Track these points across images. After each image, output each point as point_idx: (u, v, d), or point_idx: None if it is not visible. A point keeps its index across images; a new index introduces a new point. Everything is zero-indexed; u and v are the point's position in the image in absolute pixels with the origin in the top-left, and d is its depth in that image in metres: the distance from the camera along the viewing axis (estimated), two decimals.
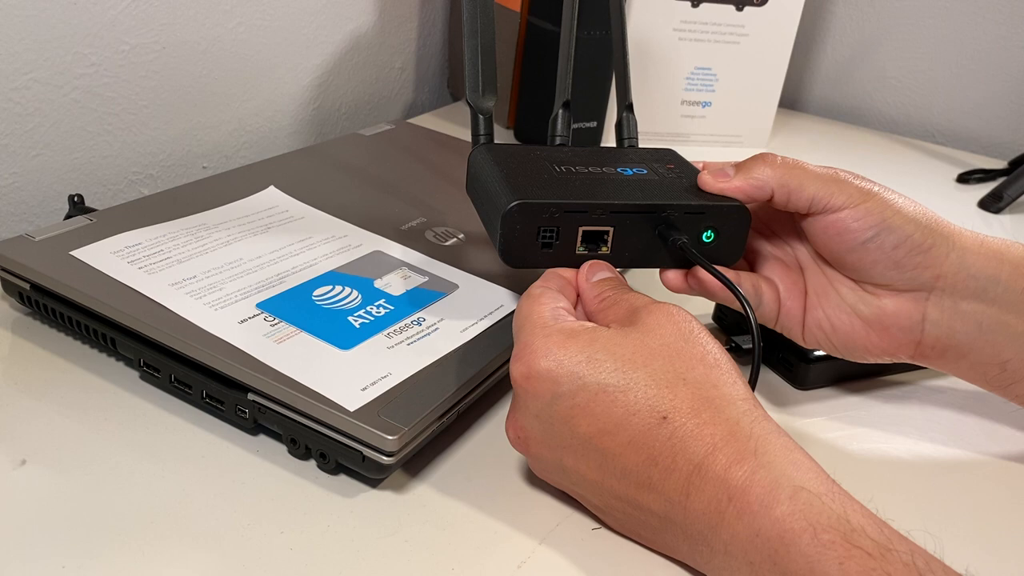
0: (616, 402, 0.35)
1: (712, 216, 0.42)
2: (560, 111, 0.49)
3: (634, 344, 0.36)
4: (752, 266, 0.47)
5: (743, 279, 0.44)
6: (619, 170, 0.45)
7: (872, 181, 0.42)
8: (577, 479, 0.38)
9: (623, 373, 0.35)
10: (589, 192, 0.42)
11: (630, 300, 0.39)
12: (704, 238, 0.42)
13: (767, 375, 0.51)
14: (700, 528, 0.34)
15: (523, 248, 0.41)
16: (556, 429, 0.37)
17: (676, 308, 0.38)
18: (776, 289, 0.45)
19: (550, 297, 0.39)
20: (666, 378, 0.35)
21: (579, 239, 0.41)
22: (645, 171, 0.45)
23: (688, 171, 0.46)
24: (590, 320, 0.40)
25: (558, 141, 0.49)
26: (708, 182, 0.43)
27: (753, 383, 0.38)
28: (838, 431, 0.47)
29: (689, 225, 0.42)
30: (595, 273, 0.41)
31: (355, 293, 0.47)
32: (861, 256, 0.42)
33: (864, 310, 0.43)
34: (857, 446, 0.46)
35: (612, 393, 0.35)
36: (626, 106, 0.51)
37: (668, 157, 0.48)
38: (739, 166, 0.43)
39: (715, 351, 0.37)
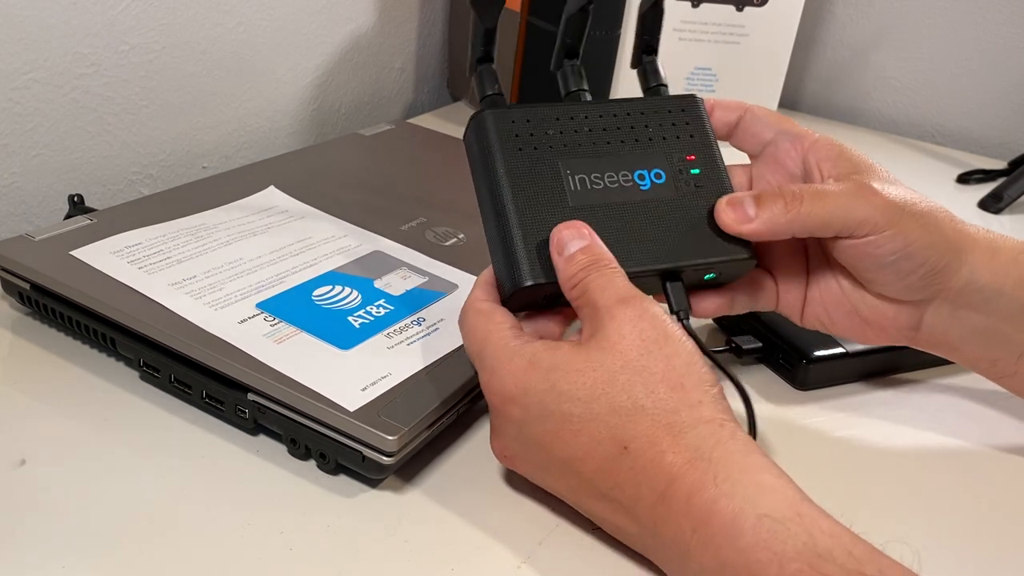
0: (582, 431, 0.35)
1: (720, 268, 0.42)
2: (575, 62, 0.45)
3: (594, 368, 0.35)
4: (756, 248, 0.46)
5: (739, 285, 0.44)
6: (637, 179, 0.42)
7: (898, 185, 0.41)
8: (564, 494, 0.38)
9: (585, 404, 0.35)
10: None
11: (596, 297, 0.37)
12: (706, 277, 0.42)
13: (767, 375, 0.51)
14: (671, 555, 0.34)
15: (523, 305, 0.40)
16: (534, 451, 0.37)
17: (640, 310, 0.36)
18: (774, 282, 0.45)
19: (501, 313, 0.39)
20: (625, 407, 0.34)
21: None
22: (664, 177, 0.42)
23: (710, 177, 0.43)
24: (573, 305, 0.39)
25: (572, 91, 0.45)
26: (728, 223, 0.40)
27: (753, 435, 0.37)
28: (838, 431, 0.47)
29: (696, 271, 0.41)
30: (568, 242, 0.38)
31: (355, 293, 0.47)
32: (875, 274, 0.41)
33: (864, 311, 0.43)
34: (857, 446, 0.46)
35: (576, 423, 0.35)
36: (652, 48, 0.46)
37: (690, 145, 0.43)
38: (760, 201, 0.40)
39: (679, 365, 0.35)
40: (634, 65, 0.46)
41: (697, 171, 0.43)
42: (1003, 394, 0.46)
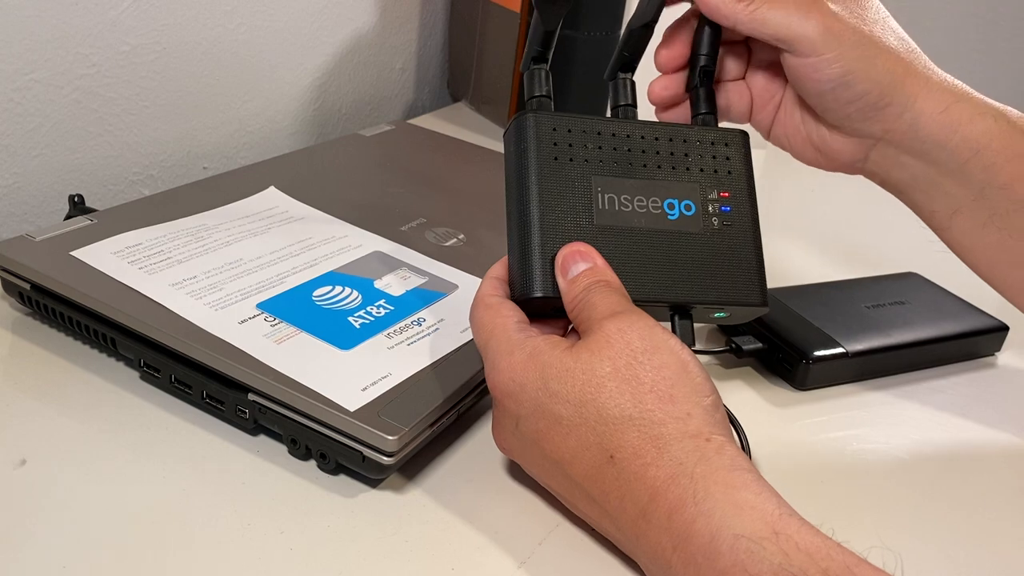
0: (570, 435, 0.35)
1: (732, 311, 0.42)
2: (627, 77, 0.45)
3: (584, 371, 0.35)
4: (746, 66, 0.47)
5: (718, 88, 0.46)
6: (666, 207, 0.41)
7: (864, 15, 0.42)
8: (557, 493, 0.38)
9: (574, 407, 0.35)
10: (616, 268, 0.39)
11: (590, 313, 0.37)
12: (715, 315, 0.42)
13: (767, 375, 0.51)
14: (655, 570, 0.34)
15: (533, 312, 0.40)
16: (529, 448, 0.37)
17: (629, 322, 0.36)
18: (748, 100, 0.47)
19: (508, 307, 0.39)
20: (612, 415, 0.34)
21: None
22: (693, 209, 0.41)
23: (739, 218, 0.42)
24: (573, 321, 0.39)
25: (621, 111, 0.45)
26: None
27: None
28: (838, 431, 0.47)
29: (707, 309, 0.41)
30: (572, 265, 0.38)
31: (355, 293, 0.47)
32: (817, 99, 0.43)
33: (815, 139, 0.45)
34: (857, 446, 0.46)
35: (566, 426, 0.35)
36: (710, 74, 0.45)
37: (727, 182, 0.43)
38: None
39: (669, 375, 0.34)
40: (687, 89, 0.46)
41: (728, 209, 0.42)
42: (1004, 394, 0.46)
